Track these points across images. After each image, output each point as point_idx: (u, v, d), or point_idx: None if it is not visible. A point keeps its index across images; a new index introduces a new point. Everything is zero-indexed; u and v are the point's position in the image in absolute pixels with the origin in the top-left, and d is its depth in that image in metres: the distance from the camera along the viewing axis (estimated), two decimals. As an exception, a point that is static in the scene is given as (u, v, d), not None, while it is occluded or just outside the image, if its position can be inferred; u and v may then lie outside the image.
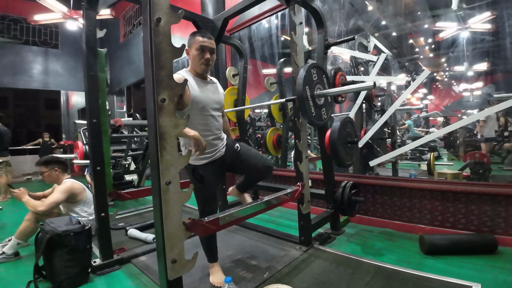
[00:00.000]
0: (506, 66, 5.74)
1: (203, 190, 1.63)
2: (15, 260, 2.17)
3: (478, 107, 6.78)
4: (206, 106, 1.56)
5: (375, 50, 4.04)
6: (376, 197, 2.68)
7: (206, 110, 1.57)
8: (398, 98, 2.85)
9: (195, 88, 1.52)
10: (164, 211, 1.09)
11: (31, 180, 7.09)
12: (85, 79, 1.93)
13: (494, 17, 4.91)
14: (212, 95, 1.61)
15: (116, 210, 2.53)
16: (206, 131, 1.58)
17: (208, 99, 1.58)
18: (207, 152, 1.59)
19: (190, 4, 5.00)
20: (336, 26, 4.09)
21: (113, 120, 3.55)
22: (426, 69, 7.03)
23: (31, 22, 6.55)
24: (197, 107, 1.52)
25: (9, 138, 4.56)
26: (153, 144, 1.11)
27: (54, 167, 2.41)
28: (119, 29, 9.26)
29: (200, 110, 1.54)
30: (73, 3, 6.04)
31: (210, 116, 1.59)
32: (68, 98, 9.38)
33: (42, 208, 2.13)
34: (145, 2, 1.07)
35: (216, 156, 1.65)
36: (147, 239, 2.38)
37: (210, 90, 1.62)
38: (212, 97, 1.61)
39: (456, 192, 2.26)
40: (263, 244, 2.28)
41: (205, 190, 1.64)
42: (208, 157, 1.61)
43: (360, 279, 1.67)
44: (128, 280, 1.82)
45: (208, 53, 1.54)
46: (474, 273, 1.72)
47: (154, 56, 1.07)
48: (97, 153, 1.95)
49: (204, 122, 1.58)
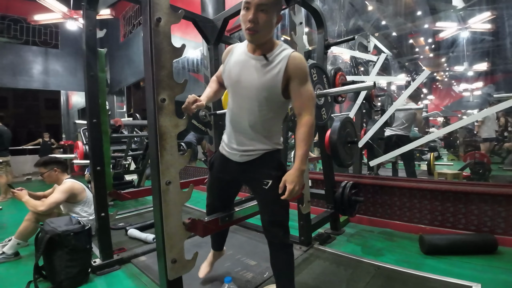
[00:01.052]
0: (506, 66, 5.74)
1: (210, 177, 1.42)
2: (15, 260, 2.17)
3: (478, 107, 6.79)
4: (234, 88, 1.17)
5: (375, 50, 4.05)
6: (376, 197, 2.68)
7: (235, 93, 1.18)
8: (398, 98, 2.85)
9: (230, 62, 1.18)
10: (164, 211, 1.09)
11: (31, 180, 7.09)
12: (85, 79, 1.93)
13: (494, 17, 4.91)
14: (255, 76, 1.10)
15: (116, 210, 2.52)
16: (232, 120, 1.21)
17: (241, 81, 1.13)
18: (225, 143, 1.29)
19: (190, 4, 5.00)
20: (336, 26, 4.10)
21: (113, 120, 3.55)
22: (426, 69, 7.04)
23: (31, 22, 6.55)
24: (225, 85, 1.22)
25: (9, 138, 4.56)
26: (153, 144, 1.11)
27: (53, 167, 2.41)
28: (119, 29, 9.26)
29: (229, 90, 1.21)
30: (73, 3, 6.04)
31: (241, 104, 1.16)
32: (68, 98, 9.38)
33: (42, 208, 2.13)
34: (145, 2, 1.07)
35: (229, 156, 1.27)
36: (147, 239, 2.38)
37: (255, 69, 1.10)
38: (252, 79, 1.11)
39: (456, 192, 2.26)
40: (263, 244, 2.27)
41: (209, 180, 1.43)
42: (224, 149, 1.29)
43: (360, 279, 1.67)
44: (128, 280, 1.81)
45: (252, 12, 1.02)
46: (474, 273, 1.72)
47: (154, 56, 1.07)
48: (97, 153, 1.95)
49: (232, 108, 1.20)
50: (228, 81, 1.17)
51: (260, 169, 1.20)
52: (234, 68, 1.15)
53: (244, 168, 1.23)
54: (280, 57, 1.09)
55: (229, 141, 1.25)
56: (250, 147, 1.19)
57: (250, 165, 1.21)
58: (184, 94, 1.18)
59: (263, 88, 1.09)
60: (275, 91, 1.10)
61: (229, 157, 1.25)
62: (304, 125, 1.10)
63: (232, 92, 1.18)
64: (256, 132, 1.16)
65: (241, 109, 1.15)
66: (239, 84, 1.13)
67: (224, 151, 1.28)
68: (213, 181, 1.39)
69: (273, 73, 1.08)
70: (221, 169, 1.31)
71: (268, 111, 1.14)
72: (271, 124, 1.18)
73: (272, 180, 1.17)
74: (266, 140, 1.19)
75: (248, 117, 1.14)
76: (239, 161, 1.23)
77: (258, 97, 1.11)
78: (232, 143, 1.23)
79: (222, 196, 1.42)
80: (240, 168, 1.24)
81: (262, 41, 1.09)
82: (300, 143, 1.09)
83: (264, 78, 1.09)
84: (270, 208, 1.22)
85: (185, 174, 5.22)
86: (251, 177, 1.24)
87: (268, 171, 1.19)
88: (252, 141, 1.18)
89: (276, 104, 1.14)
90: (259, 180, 1.20)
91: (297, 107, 1.12)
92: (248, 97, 1.12)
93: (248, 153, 1.20)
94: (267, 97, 1.10)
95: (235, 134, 1.21)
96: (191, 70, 6.70)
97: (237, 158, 1.23)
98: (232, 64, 1.16)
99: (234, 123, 1.20)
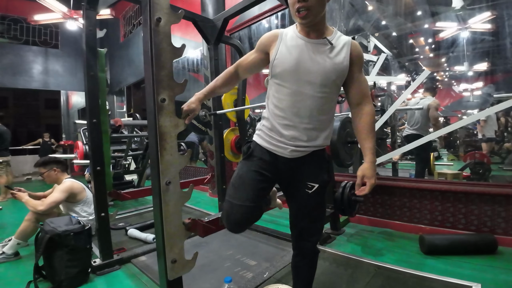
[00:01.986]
0: (506, 66, 5.74)
1: (240, 166, 1.15)
2: (15, 260, 2.17)
3: (478, 107, 6.79)
4: (292, 73, 1.02)
5: (375, 50, 4.05)
6: (376, 197, 2.68)
7: (292, 80, 1.03)
8: (398, 98, 2.85)
9: (281, 47, 1.05)
10: (164, 211, 1.09)
11: (31, 180, 7.09)
12: (85, 79, 1.93)
13: (494, 17, 4.91)
14: (322, 59, 1.01)
15: (116, 210, 2.52)
16: (285, 109, 1.05)
17: (302, 65, 1.01)
18: (269, 135, 1.09)
19: (190, 4, 4.99)
20: (336, 26, 4.10)
21: (113, 120, 3.55)
22: (426, 69, 7.03)
23: (31, 22, 6.55)
24: (274, 72, 1.06)
25: (9, 138, 4.56)
26: (153, 144, 1.11)
27: (52, 167, 2.41)
28: (119, 29, 9.26)
29: (277, 78, 1.06)
30: (73, 3, 6.03)
31: (301, 90, 1.02)
32: (68, 98, 9.37)
33: (42, 207, 2.13)
34: (145, 2, 1.07)
35: (275, 150, 1.09)
36: (147, 239, 2.38)
37: (320, 53, 1.02)
38: (318, 62, 1.01)
39: (456, 192, 2.26)
40: (263, 244, 2.27)
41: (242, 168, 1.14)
42: (269, 142, 1.10)
43: (360, 279, 1.67)
44: (128, 280, 1.82)
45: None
46: (474, 273, 1.72)
47: (154, 56, 1.07)
48: (97, 153, 1.95)
49: (286, 97, 1.04)
50: (281, 67, 1.03)
51: (307, 170, 1.09)
52: (290, 53, 1.03)
53: (292, 166, 1.09)
54: (343, 42, 1.04)
55: (276, 133, 1.08)
56: (303, 142, 1.05)
57: (298, 163, 1.08)
58: (184, 94, 1.18)
59: (333, 71, 1.01)
60: (343, 74, 1.04)
61: (275, 151, 1.08)
62: (369, 114, 1.05)
63: (286, 79, 1.03)
64: (312, 122, 1.04)
65: (301, 95, 1.02)
66: (299, 68, 1.01)
67: (267, 143, 1.10)
68: (247, 172, 1.11)
69: (341, 57, 1.03)
70: (265, 164, 1.10)
71: (330, 98, 1.05)
72: (328, 114, 1.08)
73: (318, 185, 1.09)
74: (320, 134, 1.07)
75: (309, 104, 1.02)
76: (288, 156, 1.07)
77: (325, 81, 1.01)
78: (282, 136, 1.06)
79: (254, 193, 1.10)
80: (287, 165, 1.09)
81: (316, 20, 1.00)
82: (368, 135, 1.04)
83: (332, 61, 1.01)
84: (310, 215, 1.13)
85: (185, 174, 5.22)
86: (293, 177, 1.11)
87: (317, 173, 1.10)
88: (307, 134, 1.05)
89: (338, 90, 1.08)
90: (303, 182, 1.09)
91: (357, 95, 1.07)
92: (311, 83, 1.01)
93: (300, 149, 1.06)
94: (335, 81, 1.03)
95: (287, 126, 1.05)
96: (191, 70, 6.70)
97: (286, 153, 1.06)
98: (285, 49, 1.04)
99: (288, 113, 1.04)
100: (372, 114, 1.05)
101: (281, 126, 1.06)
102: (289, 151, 1.06)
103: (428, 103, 3.31)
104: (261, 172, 1.09)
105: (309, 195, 1.09)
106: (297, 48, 1.03)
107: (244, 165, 1.14)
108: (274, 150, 1.08)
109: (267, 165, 1.10)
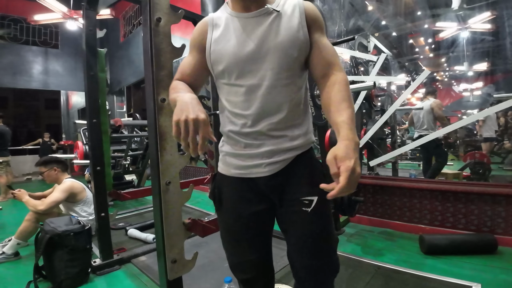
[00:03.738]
0: (506, 66, 5.74)
1: (220, 218, 0.90)
2: (15, 260, 2.17)
3: (478, 107, 6.79)
4: (238, 65, 0.77)
5: (375, 50, 4.04)
6: (376, 197, 2.68)
7: (240, 73, 0.78)
8: (398, 98, 2.86)
9: (214, 38, 0.81)
10: (164, 211, 1.09)
11: (31, 180, 7.09)
12: (85, 79, 1.93)
13: (494, 17, 4.91)
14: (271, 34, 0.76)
15: (116, 210, 2.52)
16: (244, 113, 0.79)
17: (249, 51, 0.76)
18: (238, 155, 0.82)
19: (190, 4, 5.00)
20: (336, 26, 4.10)
21: (113, 120, 3.55)
22: (426, 69, 7.03)
23: (31, 22, 6.56)
24: (217, 71, 0.81)
25: (10, 138, 4.56)
26: (153, 144, 1.11)
27: (53, 167, 2.41)
28: (119, 29, 9.26)
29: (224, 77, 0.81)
30: (73, 3, 6.04)
31: (256, 82, 0.77)
32: (68, 98, 9.38)
33: (42, 207, 2.13)
34: (145, 2, 1.07)
35: (246, 174, 0.82)
36: (147, 239, 2.38)
37: (267, 27, 0.77)
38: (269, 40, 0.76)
39: (456, 192, 2.26)
40: (263, 244, 2.27)
41: (223, 225, 0.90)
42: (236, 166, 0.83)
43: (360, 279, 1.67)
44: (128, 280, 1.82)
45: None
46: (474, 273, 1.72)
47: (154, 56, 1.07)
48: (97, 153, 1.95)
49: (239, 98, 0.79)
50: (222, 61, 0.78)
51: (297, 182, 0.81)
52: (228, 40, 0.78)
53: (274, 184, 0.81)
54: (291, 6, 0.79)
55: (242, 148, 0.81)
56: (279, 149, 0.79)
57: (282, 178, 0.80)
58: (184, 94, 1.18)
59: (290, 46, 0.75)
60: (305, 46, 0.78)
61: (247, 175, 0.81)
62: (339, 82, 0.75)
63: (234, 74, 0.78)
64: (284, 121, 0.78)
65: (261, 89, 0.76)
66: (247, 55, 0.76)
67: (234, 169, 0.83)
68: (232, 224, 0.86)
69: (294, 24, 0.77)
70: (239, 198, 0.84)
71: (297, 80, 0.80)
72: (300, 104, 0.82)
73: (317, 197, 0.79)
74: (298, 131, 0.81)
75: (274, 99, 0.77)
76: (266, 174, 0.79)
77: (285, 62, 0.76)
78: (251, 150, 0.80)
79: (255, 242, 0.86)
80: (269, 186, 0.81)
81: None
82: (341, 104, 0.71)
83: (286, 33, 0.76)
84: (317, 247, 0.80)
85: (185, 174, 5.22)
86: (282, 199, 0.82)
87: (310, 182, 0.80)
88: (281, 138, 0.79)
89: (303, 71, 0.82)
90: (297, 200, 0.80)
91: (320, 65, 0.78)
92: (267, 69, 0.76)
93: (279, 158, 0.79)
94: (297, 58, 0.77)
95: (254, 135, 0.79)
96: (191, 70, 6.69)
97: (263, 171, 0.79)
98: (221, 37, 0.80)
99: (253, 117, 0.77)
100: (343, 82, 0.75)
101: (246, 138, 0.80)
102: (265, 166, 0.79)
103: (430, 104, 3.33)
104: (244, 215, 0.83)
105: (309, 216, 0.79)
106: (235, 31, 0.78)
107: (223, 218, 0.88)
108: (246, 174, 0.81)
109: (246, 196, 0.83)
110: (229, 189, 0.85)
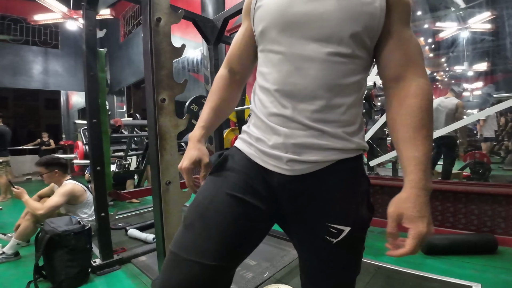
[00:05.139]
0: (506, 66, 5.74)
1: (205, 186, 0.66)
2: (15, 260, 2.17)
3: (478, 107, 6.79)
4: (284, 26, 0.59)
5: (375, 50, 4.05)
6: (376, 197, 2.68)
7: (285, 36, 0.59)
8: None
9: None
10: (164, 211, 1.09)
11: (31, 180, 7.09)
12: (85, 79, 1.93)
13: (494, 17, 4.91)
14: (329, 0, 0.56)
15: (116, 210, 2.53)
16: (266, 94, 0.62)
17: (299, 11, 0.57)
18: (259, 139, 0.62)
19: (190, 4, 5.00)
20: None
21: (113, 120, 3.56)
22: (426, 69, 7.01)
23: (31, 22, 6.56)
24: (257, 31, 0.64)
25: (9, 138, 4.56)
26: (153, 144, 1.11)
27: (54, 169, 2.39)
28: (119, 29, 9.27)
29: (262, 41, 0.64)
30: (73, 3, 6.04)
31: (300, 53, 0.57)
32: (68, 98, 9.39)
33: (42, 211, 2.11)
34: (145, 2, 1.07)
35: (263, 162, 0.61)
36: (147, 239, 2.38)
37: None
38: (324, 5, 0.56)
39: (456, 192, 2.26)
40: (263, 244, 2.26)
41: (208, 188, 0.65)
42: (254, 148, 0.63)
43: (360, 279, 1.67)
44: (128, 280, 1.81)
45: None
46: (474, 273, 1.72)
47: (154, 56, 1.07)
48: (97, 153, 1.95)
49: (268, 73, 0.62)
50: (264, 20, 0.61)
51: (326, 198, 0.59)
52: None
53: (293, 190, 0.60)
54: None
55: (265, 132, 0.62)
56: (315, 141, 0.57)
57: (307, 186, 0.59)
58: (184, 94, 1.18)
59: (354, 17, 0.55)
60: (377, 24, 0.56)
61: (263, 163, 0.61)
62: (421, 95, 0.55)
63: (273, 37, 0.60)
64: (328, 109, 0.57)
65: (299, 61, 0.57)
66: (294, 16, 0.57)
67: (251, 148, 0.64)
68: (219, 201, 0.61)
69: None
70: (245, 184, 0.62)
71: (352, 66, 0.58)
72: (352, 94, 0.59)
73: (350, 228, 0.58)
74: (344, 130, 0.59)
75: (313, 76, 0.56)
76: (285, 173, 0.59)
77: (340, 34, 0.55)
78: (273, 135, 0.60)
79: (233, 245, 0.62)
80: (286, 190, 0.60)
81: None
82: (419, 132, 0.54)
83: (350, 1, 0.55)
84: (335, 277, 0.63)
85: (185, 174, 5.22)
86: (300, 212, 0.61)
87: (347, 204, 0.60)
88: (319, 130, 0.57)
89: (367, 54, 0.59)
90: (320, 222, 0.59)
91: (398, 61, 0.58)
92: (315, 38, 0.56)
93: (307, 158, 0.57)
94: (359, 35, 0.56)
95: (278, 117, 0.59)
96: (191, 70, 6.71)
97: (279, 167, 0.59)
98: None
99: (280, 93, 0.59)
100: (427, 95, 0.56)
101: (270, 119, 0.60)
102: (287, 161, 0.58)
103: (456, 103, 3.16)
104: (241, 198, 0.60)
105: (334, 250, 0.59)
106: None
107: (209, 184, 0.65)
108: (260, 160, 0.61)
109: (253, 185, 0.61)
110: (238, 163, 0.64)
